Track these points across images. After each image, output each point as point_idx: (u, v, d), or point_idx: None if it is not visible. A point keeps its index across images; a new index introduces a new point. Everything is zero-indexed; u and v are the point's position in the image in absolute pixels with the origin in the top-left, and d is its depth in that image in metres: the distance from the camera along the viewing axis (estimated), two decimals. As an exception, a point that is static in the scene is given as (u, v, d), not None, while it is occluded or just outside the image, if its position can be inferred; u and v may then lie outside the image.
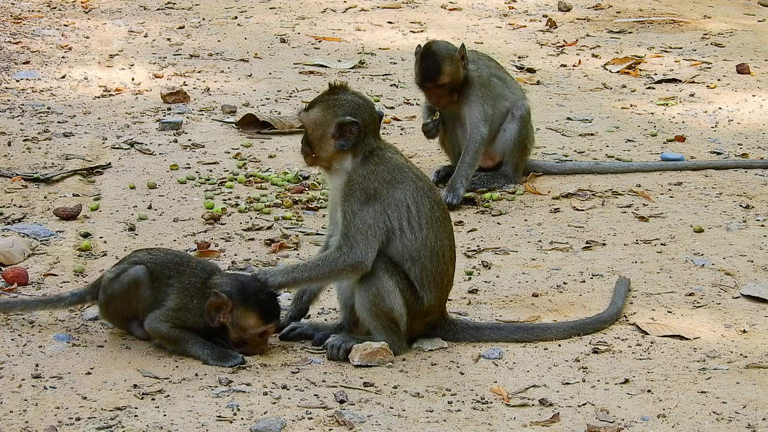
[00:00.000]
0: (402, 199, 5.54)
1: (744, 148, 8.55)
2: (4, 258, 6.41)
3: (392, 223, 5.52)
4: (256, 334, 5.48)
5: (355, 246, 5.47)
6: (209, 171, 7.92)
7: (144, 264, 5.52)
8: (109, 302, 5.60)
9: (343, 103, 5.62)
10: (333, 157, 5.60)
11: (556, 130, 8.89)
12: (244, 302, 5.43)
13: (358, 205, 5.49)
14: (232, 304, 5.42)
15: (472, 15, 12.73)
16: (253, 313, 5.44)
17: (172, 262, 5.57)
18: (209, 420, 4.96)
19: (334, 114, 5.59)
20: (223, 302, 5.42)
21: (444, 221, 5.64)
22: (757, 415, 5.08)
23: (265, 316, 5.46)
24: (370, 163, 5.57)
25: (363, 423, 4.97)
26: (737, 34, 11.97)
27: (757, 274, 6.50)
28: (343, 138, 5.56)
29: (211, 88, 9.78)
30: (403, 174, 5.58)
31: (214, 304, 5.43)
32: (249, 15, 12.40)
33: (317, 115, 5.62)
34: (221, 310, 5.44)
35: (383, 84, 10.09)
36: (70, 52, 10.76)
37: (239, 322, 5.45)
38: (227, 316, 5.44)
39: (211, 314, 5.44)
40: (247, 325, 5.45)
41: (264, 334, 5.50)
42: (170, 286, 5.50)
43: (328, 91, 5.70)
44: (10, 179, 7.63)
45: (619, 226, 7.17)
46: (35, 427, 4.88)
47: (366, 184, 5.52)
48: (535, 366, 5.50)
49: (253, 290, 5.45)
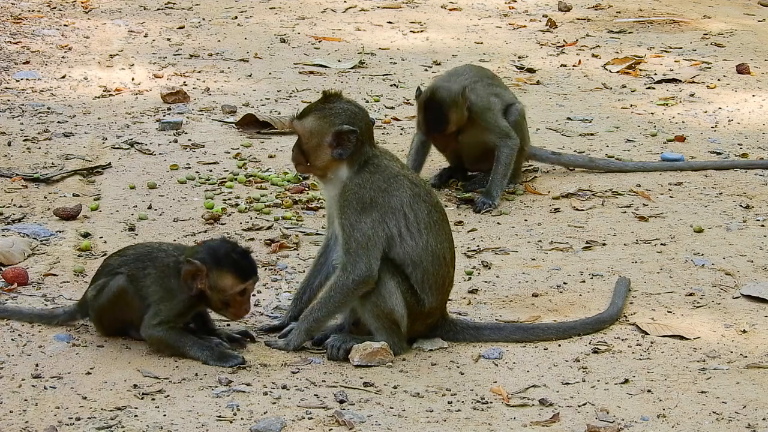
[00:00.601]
0: (398, 207, 5.53)
1: (744, 148, 8.55)
2: (4, 258, 6.41)
3: (391, 231, 5.52)
4: (236, 294, 5.46)
5: (358, 261, 5.46)
6: (209, 171, 7.92)
7: (120, 272, 5.53)
8: (101, 318, 5.62)
9: (339, 111, 5.59)
10: (328, 166, 5.58)
11: (556, 130, 8.89)
12: (217, 265, 5.43)
13: (355, 216, 5.48)
14: (206, 268, 5.43)
15: (472, 15, 12.73)
16: (228, 273, 5.44)
17: (143, 254, 5.58)
18: (209, 420, 4.96)
19: (331, 123, 5.55)
20: (197, 268, 5.42)
21: (443, 224, 5.64)
22: (757, 415, 5.08)
23: (241, 273, 5.45)
24: (365, 171, 5.55)
25: (363, 423, 4.97)
26: (737, 34, 11.97)
27: (757, 274, 6.50)
28: (341, 147, 5.54)
29: (211, 88, 9.78)
30: (398, 182, 5.57)
31: (188, 272, 5.43)
32: (249, 15, 12.39)
33: (313, 124, 5.58)
34: (197, 276, 5.44)
35: (383, 84, 10.09)
36: (70, 52, 10.76)
37: (217, 285, 5.44)
38: (204, 281, 5.44)
39: (188, 283, 5.45)
40: (225, 286, 5.44)
41: (244, 292, 5.49)
42: (148, 276, 5.51)
43: (322, 99, 5.66)
44: (10, 179, 7.63)
45: (619, 226, 7.17)
46: (35, 427, 4.88)
47: (361, 193, 5.51)
48: (535, 366, 5.50)
49: (224, 251, 5.46)
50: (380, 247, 5.50)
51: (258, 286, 6.25)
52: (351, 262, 5.47)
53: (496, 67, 10.62)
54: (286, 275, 6.41)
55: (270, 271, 6.46)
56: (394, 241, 5.53)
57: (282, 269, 6.48)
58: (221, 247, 5.50)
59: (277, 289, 6.24)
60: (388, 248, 5.52)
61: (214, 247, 5.50)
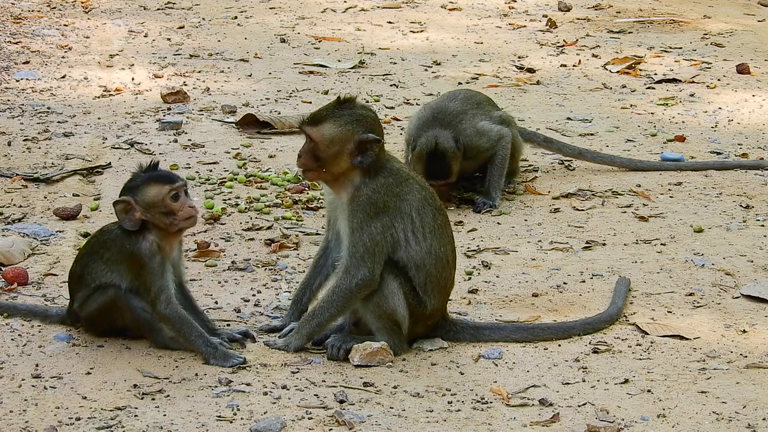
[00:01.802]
0: (407, 211, 5.52)
1: (744, 148, 8.55)
2: (4, 258, 6.41)
3: (398, 235, 5.50)
4: (169, 201, 5.46)
5: (362, 265, 5.44)
6: (209, 171, 7.92)
7: (101, 285, 5.54)
8: (92, 326, 5.64)
9: (359, 118, 5.49)
10: (345, 173, 5.49)
11: (556, 130, 8.89)
12: (136, 188, 5.47)
13: (367, 220, 5.44)
14: (130, 197, 5.46)
15: (472, 15, 12.73)
16: (149, 186, 5.47)
17: (96, 245, 5.62)
18: (209, 420, 4.96)
19: (353, 130, 5.46)
20: (123, 201, 5.47)
21: (446, 227, 5.64)
22: (757, 415, 5.08)
23: (161, 180, 5.49)
24: (380, 176, 5.50)
25: (363, 423, 4.97)
26: (737, 34, 11.97)
27: (757, 274, 6.50)
28: (363, 155, 5.45)
29: (211, 88, 9.78)
30: (408, 185, 5.55)
31: (120, 210, 5.46)
32: (249, 15, 12.39)
33: (333, 131, 5.47)
34: (129, 210, 5.46)
35: (383, 84, 10.09)
36: (70, 52, 10.76)
37: (147, 202, 5.45)
38: (137, 210, 5.46)
39: (125, 221, 5.47)
40: (155, 198, 5.46)
41: (177, 196, 5.48)
42: (108, 259, 5.54)
43: (336, 104, 5.54)
44: (10, 179, 7.63)
45: (619, 226, 7.17)
46: (35, 427, 4.88)
47: (376, 198, 5.47)
48: (535, 366, 5.50)
49: (135, 176, 5.53)
50: (385, 251, 5.49)
51: (258, 286, 6.26)
52: (355, 265, 5.46)
53: (496, 67, 10.63)
54: (286, 275, 6.41)
55: (270, 271, 6.46)
56: (400, 245, 5.51)
57: (282, 269, 6.48)
58: (133, 176, 5.55)
59: (277, 289, 6.24)
60: (392, 251, 5.51)
61: (127, 181, 5.56)
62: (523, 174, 7.97)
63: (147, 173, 5.54)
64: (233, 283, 6.32)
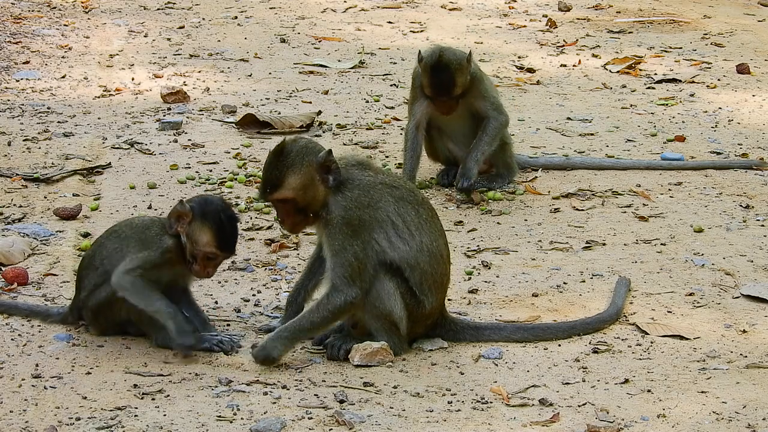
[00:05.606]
0: (384, 218, 5.48)
1: (744, 148, 8.55)
2: (4, 258, 6.41)
3: (381, 245, 5.48)
4: (204, 254, 5.49)
5: (350, 284, 5.42)
6: (209, 171, 7.92)
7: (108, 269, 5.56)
8: (97, 318, 5.63)
9: (301, 149, 5.47)
10: (324, 202, 5.46)
11: (556, 130, 8.89)
12: (203, 217, 5.48)
13: (347, 240, 5.42)
14: (191, 215, 5.48)
15: (472, 15, 12.73)
16: (208, 230, 5.48)
17: (120, 224, 5.70)
18: (209, 420, 4.97)
19: (308, 162, 5.44)
20: (184, 212, 5.48)
21: (433, 220, 5.61)
22: (757, 415, 5.08)
23: (219, 238, 5.49)
24: (344, 191, 5.47)
25: (363, 423, 4.97)
26: (737, 34, 11.97)
27: (757, 274, 6.50)
28: (331, 173, 5.45)
29: (211, 88, 9.78)
30: (378, 191, 5.51)
31: (176, 211, 5.50)
32: (249, 15, 12.39)
33: (297, 178, 5.42)
34: (181, 219, 5.50)
35: (383, 84, 10.09)
36: (70, 52, 10.76)
37: (194, 235, 5.48)
38: (185, 227, 5.49)
39: (171, 221, 5.51)
40: (200, 241, 5.48)
41: (214, 258, 5.52)
42: (125, 236, 5.59)
43: (275, 158, 5.44)
44: (10, 179, 7.63)
45: (619, 226, 7.17)
46: (35, 427, 4.88)
47: (349, 216, 5.43)
48: (535, 366, 5.50)
49: (215, 209, 5.51)
50: (371, 267, 5.46)
51: (258, 286, 6.26)
52: (342, 284, 5.42)
53: (496, 67, 10.63)
54: (286, 275, 6.41)
55: (270, 271, 6.46)
56: (385, 253, 5.49)
57: (282, 269, 6.48)
58: (214, 203, 5.55)
59: (277, 289, 6.24)
60: (382, 255, 5.49)
61: (208, 201, 5.57)
62: (523, 174, 7.96)
63: (223, 215, 5.50)
64: (233, 283, 6.32)
